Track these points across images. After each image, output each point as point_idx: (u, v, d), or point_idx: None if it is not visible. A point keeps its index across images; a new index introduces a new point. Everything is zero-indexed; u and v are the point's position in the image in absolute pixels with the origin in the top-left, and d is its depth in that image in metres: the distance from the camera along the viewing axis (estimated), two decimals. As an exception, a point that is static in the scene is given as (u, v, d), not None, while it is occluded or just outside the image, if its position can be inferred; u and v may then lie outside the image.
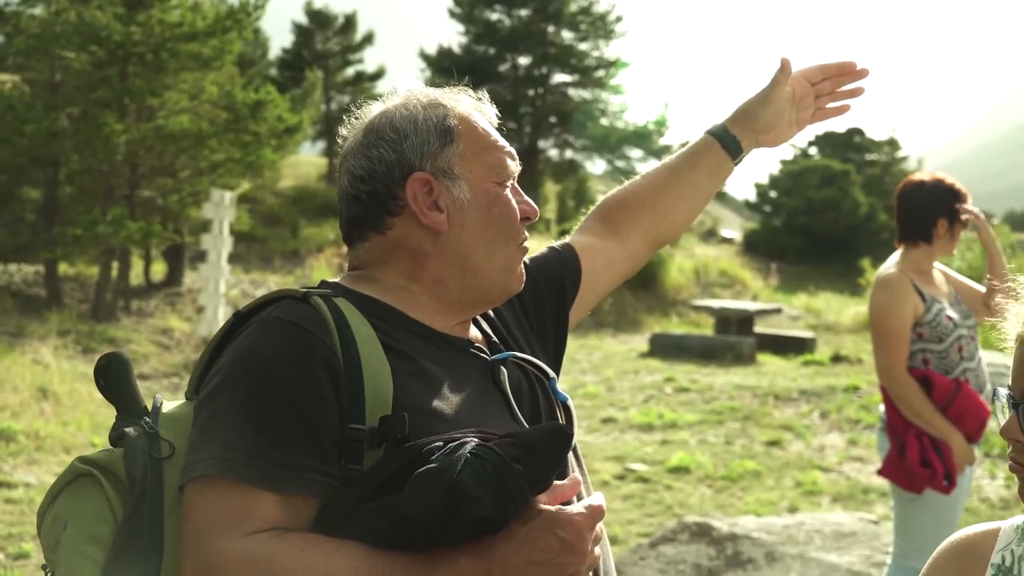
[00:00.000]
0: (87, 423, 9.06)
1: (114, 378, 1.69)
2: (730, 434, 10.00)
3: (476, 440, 1.45)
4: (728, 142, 2.22)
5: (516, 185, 1.81)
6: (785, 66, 2.23)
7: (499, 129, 1.85)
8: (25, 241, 17.39)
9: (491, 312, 1.92)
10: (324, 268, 21.97)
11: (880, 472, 4.44)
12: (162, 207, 17.64)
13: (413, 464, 1.44)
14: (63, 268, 17.32)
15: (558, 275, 2.06)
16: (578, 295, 2.09)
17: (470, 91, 1.85)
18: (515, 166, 1.81)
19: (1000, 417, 1.57)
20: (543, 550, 1.45)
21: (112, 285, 16.18)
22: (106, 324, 14.58)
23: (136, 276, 18.63)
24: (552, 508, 1.47)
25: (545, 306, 2.03)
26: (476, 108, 1.82)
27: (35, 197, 17.63)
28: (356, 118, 1.82)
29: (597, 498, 1.54)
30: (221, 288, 14.64)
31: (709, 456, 8.95)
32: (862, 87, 2.29)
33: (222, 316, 14.28)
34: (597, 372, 13.74)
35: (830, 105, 2.30)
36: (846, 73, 2.27)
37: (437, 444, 1.46)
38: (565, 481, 1.54)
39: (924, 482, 4.16)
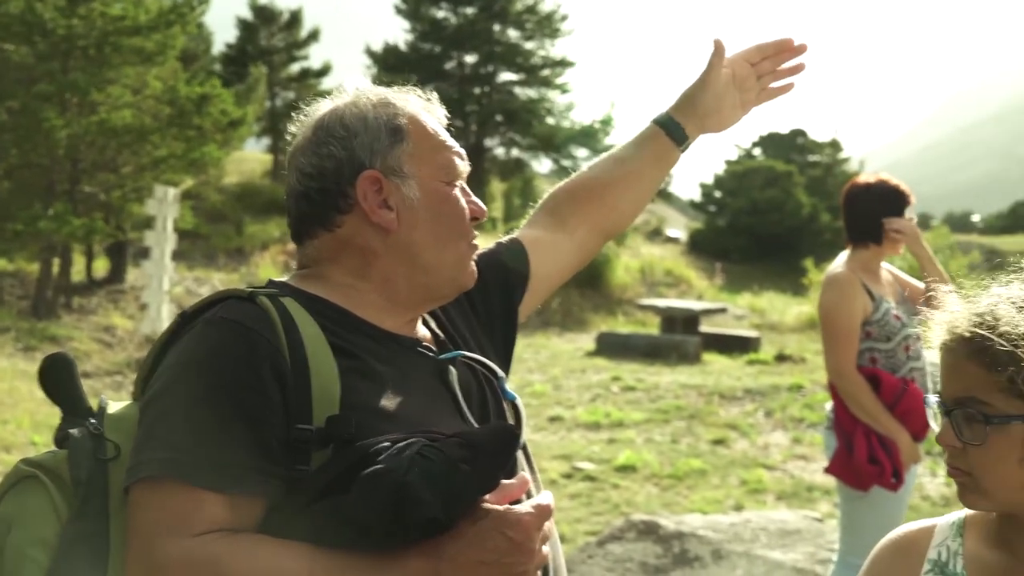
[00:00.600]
0: (27, 421, 8.93)
1: (58, 378, 1.68)
2: (676, 433, 10.06)
3: (423, 440, 1.45)
4: (672, 129, 2.21)
5: (465, 185, 1.81)
6: (718, 48, 2.20)
7: (447, 128, 1.85)
8: (-38, 236, 17.12)
9: (439, 311, 1.91)
10: (269, 265, 21.81)
11: (828, 469, 4.49)
12: (104, 203, 17.40)
13: (360, 464, 1.43)
14: (2, 264, 17.06)
15: (505, 270, 2.05)
16: (527, 289, 2.08)
17: (419, 91, 1.85)
18: (464, 166, 1.81)
19: (934, 423, 1.60)
20: (492, 550, 1.44)
21: (53, 282, 15.96)
22: (47, 322, 14.37)
23: (78, 273, 18.38)
24: (500, 508, 1.47)
25: (494, 302, 2.02)
26: (425, 108, 1.82)
27: (-27, 192, 17.35)
28: (305, 115, 1.81)
29: (545, 497, 1.54)
30: (164, 285, 14.48)
31: (655, 455, 9.00)
32: (802, 63, 2.27)
33: (165, 314, 14.13)
34: (544, 371, 13.76)
35: (773, 85, 2.28)
36: (784, 51, 2.25)
37: (384, 444, 1.45)
38: (513, 480, 1.54)
39: (872, 480, 4.21)
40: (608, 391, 12.29)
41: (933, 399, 1.59)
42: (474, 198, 1.81)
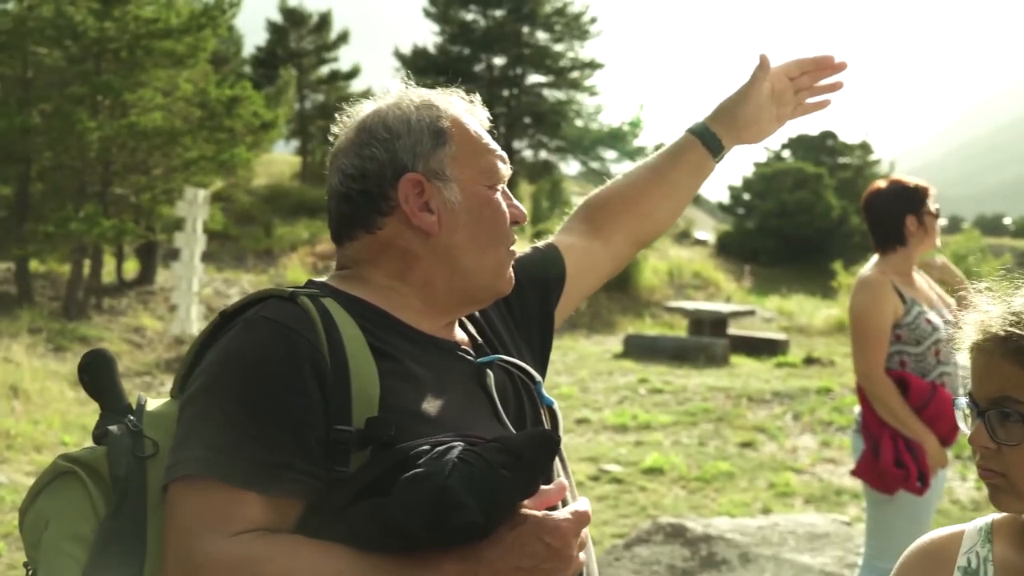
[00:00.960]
0: (58, 422, 9.00)
1: (98, 375, 1.68)
2: (704, 435, 10.03)
3: (463, 445, 1.45)
4: (709, 140, 2.21)
5: (506, 189, 1.81)
6: (764, 63, 2.22)
7: (489, 131, 1.85)
8: (-4, 237, 17.27)
9: (477, 313, 1.91)
10: (297, 267, 21.90)
11: (854, 472, 4.47)
12: (135, 205, 17.52)
13: (399, 467, 1.43)
14: (34, 265, 17.18)
15: (542, 275, 2.05)
16: (563, 294, 2.08)
17: (462, 93, 1.84)
18: (506, 169, 1.81)
19: (964, 425, 1.58)
20: (530, 556, 1.44)
21: (84, 283, 16.07)
22: (78, 322, 14.48)
23: (108, 274, 18.50)
24: (539, 514, 1.47)
25: (530, 306, 2.02)
26: (468, 111, 1.82)
27: (6, 194, 17.47)
28: (348, 116, 1.81)
29: (583, 503, 1.53)
30: (194, 287, 14.57)
31: (683, 457, 8.98)
32: (840, 81, 2.29)
33: (195, 315, 14.21)
34: (571, 373, 13.75)
35: (810, 100, 2.30)
36: (823, 67, 2.27)
37: (424, 448, 1.45)
38: (551, 486, 1.53)
39: (897, 483, 4.19)
40: (636, 393, 12.27)
41: (963, 400, 1.58)
42: (515, 202, 1.81)
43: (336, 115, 1.83)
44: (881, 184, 4.51)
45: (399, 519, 1.39)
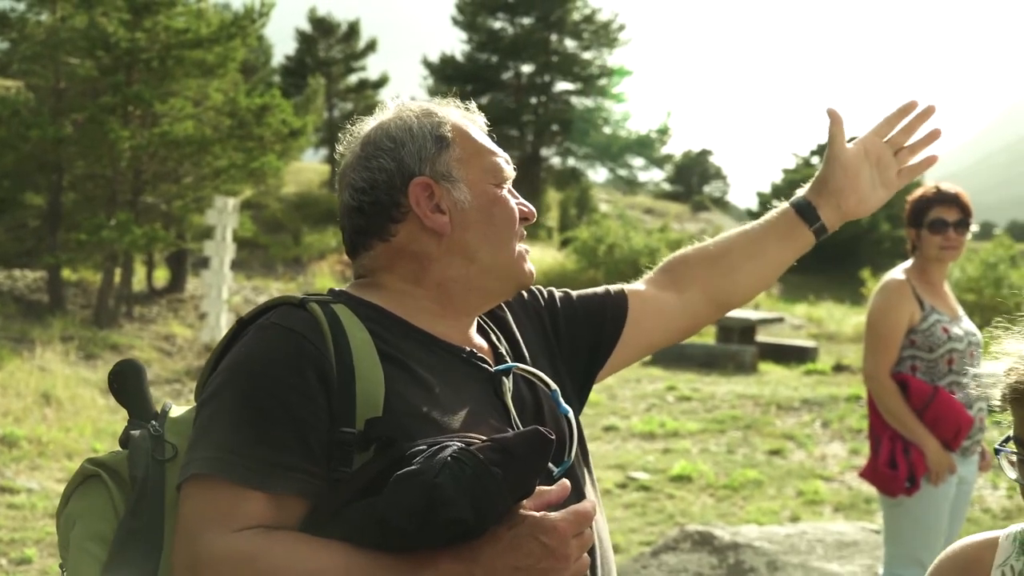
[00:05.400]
0: (89, 429, 9.07)
1: (127, 384, 1.76)
2: (732, 443, 10.00)
3: (459, 444, 1.47)
4: (802, 207, 2.14)
5: (512, 188, 1.86)
6: (834, 118, 2.12)
7: (494, 135, 1.90)
8: (29, 247, 17.42)
9: (515, 327, 1.94)
10: (326, 274, 21.99)
11: (860, 473, 4.54)
12: (165, 213, 17.63)
13: (396, 466, 1.46)
14: (66, 274, 17.31)
15: (600, 308, 2.07)
16: (621, 338, 2.07)
17: (458, 101, 1.90)
18: (510, 169, 1.86)
19: (1011, 471, 1.54)
20: (526, 555, 1.46)
21: (115, 291, 16.18)
22: (108, 330, 14.58)
23: (139, 282, 18.64)
24: (536, 513, 1.49)
25: (581, 333, 2.04)
26: (466, 116, 1.87)
27: (39, 203, 17.62)
28: (351, 135, 1.86)
29: (584, 504, 1.54)
30: (223, 294, 14.64)
31: (711, 465, 8.95)
32: (938, 129, 2.15)
33: (224, 322, 14.29)
34: (598, 380, 13.71)
35: (912, 161, 2.16)
36: (908, 112, 2.14)
37: (420, 448, 1.49)
38: (553, 487, 1.55)
39: (888, 483, 4.22)
40: (663, 401, 12.25)
41: (1009, 451, 1.53)
42: (522, 200, 1.85)
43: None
44: (921, 190, 4.51)
45: (390, 515, 1.42)
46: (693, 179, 64.85)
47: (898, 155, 2.16)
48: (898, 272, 4.43)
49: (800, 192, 2.18)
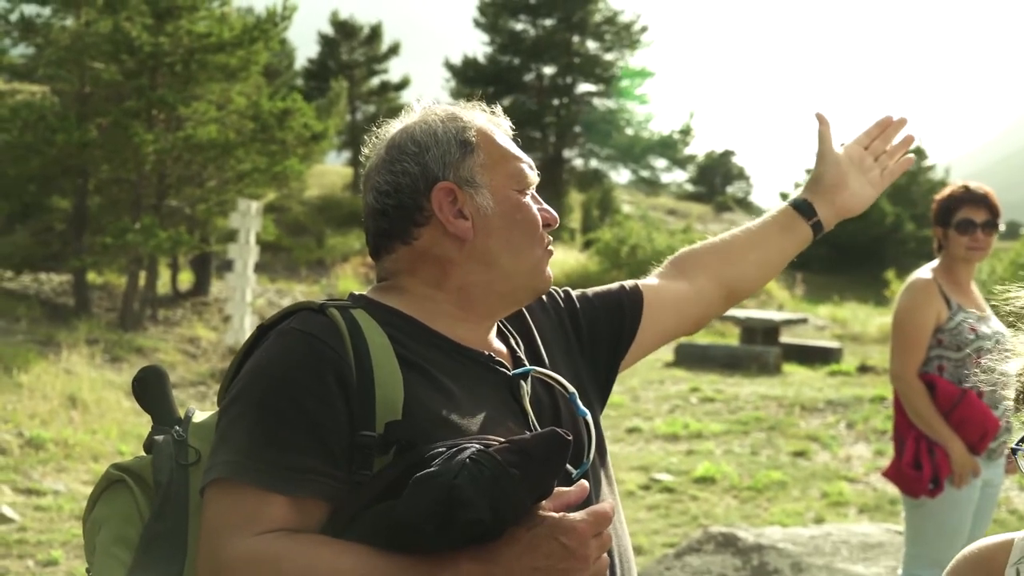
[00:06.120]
0: (115, 431, 9.13)
1: (150, 390, 1.78)
2: (756, 444, 9.98)
3: (477, 446, 1.48)
4: (799, 203, 2.28)
5: (535, 194, 1.86)
6: (820, 119, 2.29)
7: (518, 138, 1.91)
8: (54, 250, 17.54)
9: (534, 328, 1.95)
10: (350, 277, 22.04)
11: (884, 473, 4.51)
12: (189, 216, 17.72)
13: (416, 469, 1.47)
14: (91, 277, 17.42)
15: (617, 302, 2.10)
16: (640, 327, 2.10)
17: (484, 105, 1.90)
18: (533, 175, 1.86)
19: None
20: (546, 555, 1.47)
21: (140, 294, 16.27)
22: (133, 333, 14.66)
23: (163, 285, 18.74)
24: (555, 514, 1.49)
25: (601, 328, 2.05)
26: (491, 121, 1.87)
27: (64, 207, 17.76)
28: (376, 138, 1.87)
29: (603, 504, 1.55)
30: (247, 297, 14.70)
31: (735, 466, 8.93)
32: (911, 135, 2.35)
33: (248, 325, 14.34)
34: (622, 382, 13.69)
35: (891, 164, 2.34)
36: (886, 127, 2.34)
37: (439, 450, 1.50)
38: (571, 488, 1.55)
39: (912, 484, 4.20)
40: (687, 402, 12.23)
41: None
42: (545, 205, 1.86)
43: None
44: (949, 189, 4.50)
45: (409, 517, 1.43)
46: (716, 180, 64.68)
47: (879, 160, 2.33)
48: (925, 271, 4.40)
49: (797, 192, 2.32)
